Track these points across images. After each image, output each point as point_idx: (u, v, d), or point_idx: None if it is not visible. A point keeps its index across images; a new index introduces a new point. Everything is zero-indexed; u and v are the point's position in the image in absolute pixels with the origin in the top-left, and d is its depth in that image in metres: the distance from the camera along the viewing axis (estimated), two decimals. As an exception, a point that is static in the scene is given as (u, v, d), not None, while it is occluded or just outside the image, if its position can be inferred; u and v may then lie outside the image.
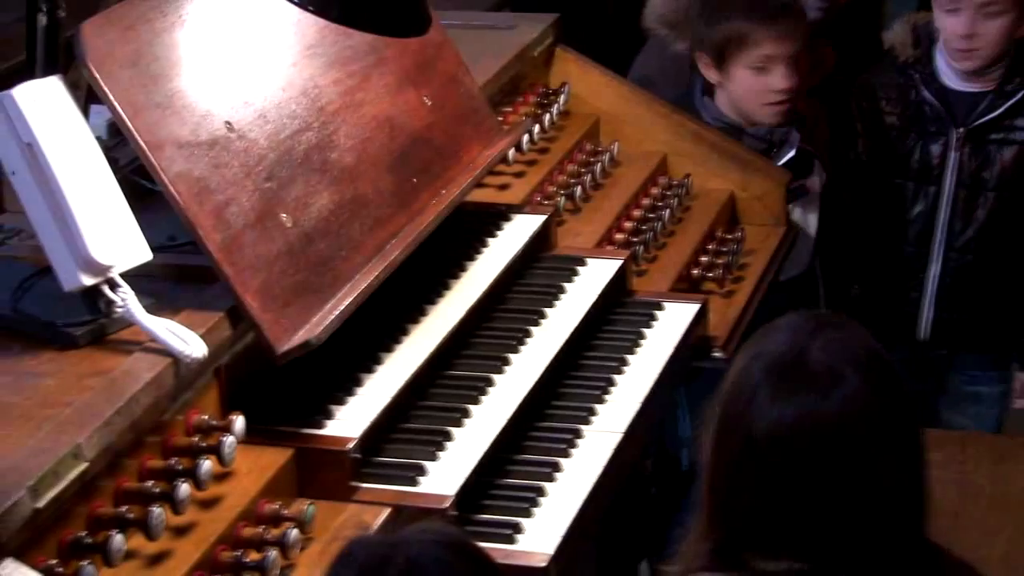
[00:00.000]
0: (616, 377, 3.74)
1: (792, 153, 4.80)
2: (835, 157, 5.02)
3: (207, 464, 2.94)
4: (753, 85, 4.80)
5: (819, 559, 2.49)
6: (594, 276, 4.04)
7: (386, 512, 3.10)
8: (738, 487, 2.54)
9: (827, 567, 2.49)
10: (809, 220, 4.86)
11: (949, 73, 4.83)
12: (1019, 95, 4.75)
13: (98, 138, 3.13)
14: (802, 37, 4.77)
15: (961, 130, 4.81)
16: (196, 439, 3.02)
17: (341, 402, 3.31)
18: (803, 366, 2.51)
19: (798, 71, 4.79)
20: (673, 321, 3.98)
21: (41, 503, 2.60)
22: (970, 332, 5.00)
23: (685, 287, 4.28)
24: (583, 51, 5.06)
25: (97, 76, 3.07)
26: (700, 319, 4.03)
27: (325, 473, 3.17)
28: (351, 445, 3.18)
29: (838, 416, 2.47)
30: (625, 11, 5.53)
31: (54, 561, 2.63)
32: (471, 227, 4.04)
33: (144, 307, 3.05)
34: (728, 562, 2.55)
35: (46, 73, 3.22)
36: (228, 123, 3.31)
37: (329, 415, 3.26)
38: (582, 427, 3.54)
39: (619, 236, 4.33)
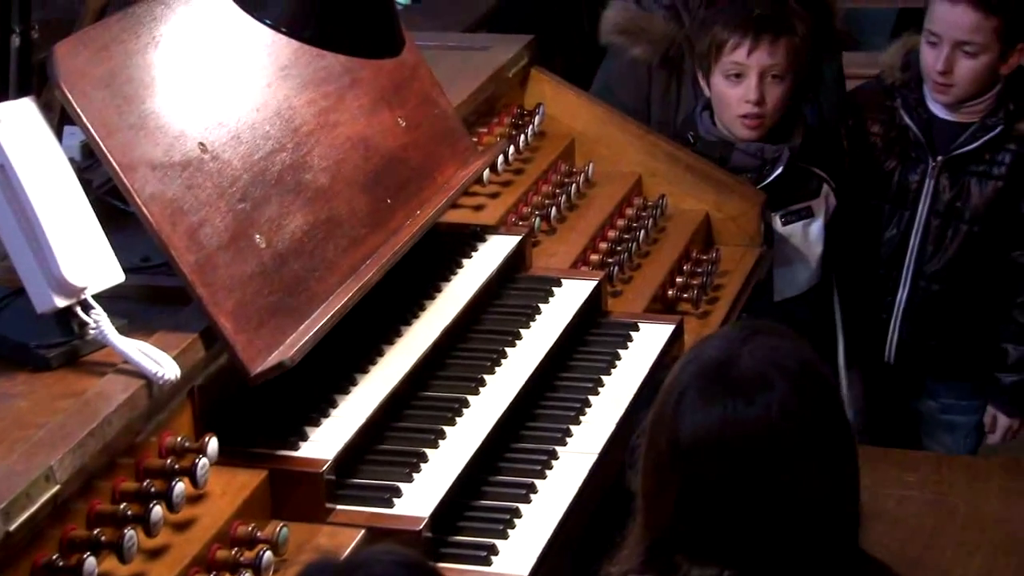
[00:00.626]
0: (592, 398, 3.74)
1: (779, 171, 4.77)
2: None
3: (180, 486, 2.94)
4: (726, 94, 4.80)
5: (746, 565, 2.49)
6: (569, 297, 4.04)
7: (360, 534, 3.10)
8: (665, 490, 2.54)
9: (754, 574, 2.49)
10: (813, 242, 4.83)
11: (935, 100, 4.81)
12: (997, 130, 4.74)
13: (71, 159, 3.13)
14: (787, 55, 4.72)
15: (939, 159, 4.80)
16: (169, 461, 3.01)
17: (316, 423, 3.31)
18: (731, 371, 2.50)
19: (779, 89, 4.76)
20: (648, 342, 3.98)
21: (13, 526, 2.59)
22: (936, 360, 5.00)
23: (660, 308, 4.29)
24: (559, 70, 5.08)
25: (70, 97, 3.07)
26: (675, 340, 4.03)
27: (299, 495, 3.17)
28: (325, 467, 3.17)
29: (762, 422, 2.46)
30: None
31: (26, 584, 2.62)
32: (446, 248, 4.03)
33: (117, 328, 3.04)
34: (659, 564, 2.55)
35: (19, 94, 3.23)
36: (202, 144, 3.30)
37: (303, 436, 3.26)
38: (558, 448, 3.53)
39: (594, 257, 4.33)
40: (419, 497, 3.22)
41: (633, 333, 4.03)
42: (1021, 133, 4.73)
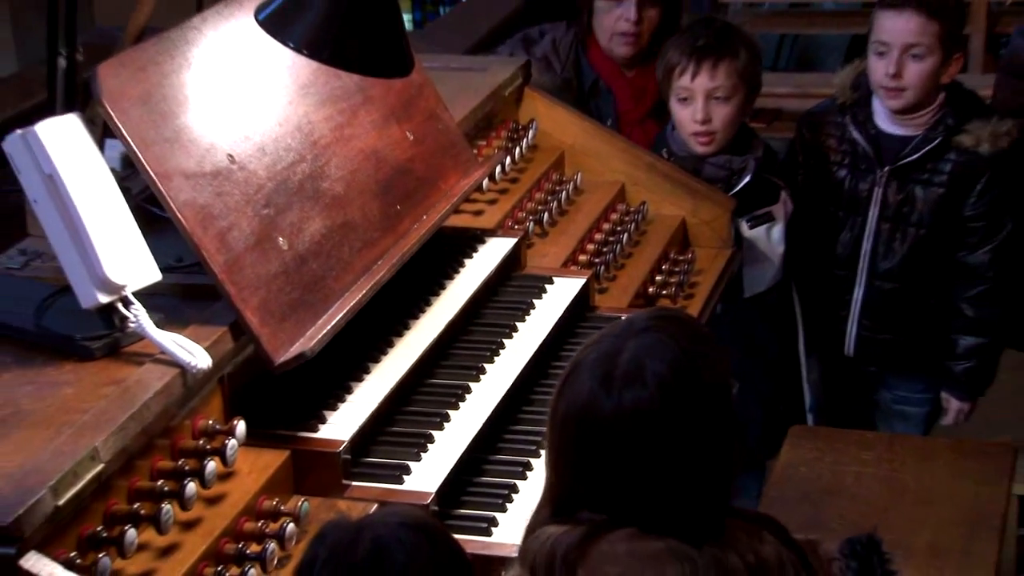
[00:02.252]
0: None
1: (747, 179, 4.78)
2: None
3: (212, 465, 2.94)
4: (679, 115, 4.81)
5: (618, 515, 2.52)
6: (560, 293, 4.04)
7: (374, 507, 3.08)
8: (552, 452, 2.58)
9: (621, 522, 2.53)
10: (775, 243, 4.84)
11: (882, 116, 4.83)
12: (937, 141, 4.74)
13: (112, 170, 3.13)
14: (728, 78, 4.72)
15: (886, 169, 4.80)
16: (202, 442, 3.02)
17: (333, 408, 3.31)
18: (612, 361, 2.52)
19: (726, 108, 4.76)
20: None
21: (61, 501, 2.60)
22: (893, 353, 5.01)
23: (642, 303, 4.28)
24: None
25: (111, 113, 3.07)
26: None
27: (318, 472, 3.17)
28: (342, 447, 3.18)
29: (618, 410, 2.48)
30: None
31: (73, 553, 2.62)
32: (449, 249, 4.04)
33: (154, 322, 3.04)
34: (565, 515, 2.58)
35: (65, 111, 3.23)
36: (230, 155, 3.30)
37: (322, 420, 3.26)
38: (550, 430, 3.53)
39: (582, 257, 4.33)
40: (426, 474, 3.22)
41: (618, 326, 4.02)
42: (959, 144, 4.73)
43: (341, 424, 3.26)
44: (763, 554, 2.59)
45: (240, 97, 3.42)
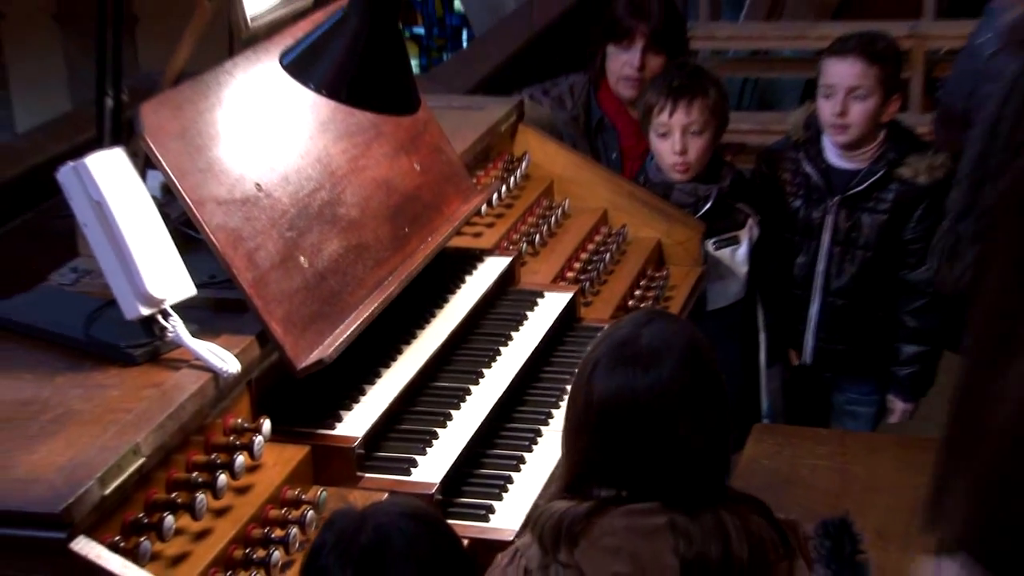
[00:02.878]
0: (568, 387, 3.69)
1: (710, 205, 4.77)
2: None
3: (240, 458, 2.94)
4: (658, 148, 4.81)
5: (636, 488, 2.57)
6: (550, 306, 4.03)
7: (384, 496, 3.07)
8: (581, 437, 2.63)
9: (642, 494, 2.57)
10: (739, 263, 4.83)
11: (832, 152, 4.83)
12: (880, 173, 4.74)
13: (153, 197, 3.12)
14: (701, 114, 4.72)
15: (836, 198, 4.81)
16: (232, 438, 3.01)
17: (348, 408, 3.30)
18: (632, 347, 2.58)
19: (699, 141, 4.75)
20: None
21: (107, 491, 2.60)
22: (845, 361, 5.01)
23: (623, 315, 4.25)
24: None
25: (152, 147, 3.06)
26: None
27: (335, 465, 3.16)
28: (356, 443, 3.17)
29: (654, 387, 2.54)
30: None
31: (117, 538, 2.62)
32: (452, 267, 4.02)
33: (190, 332, 3.03)
34: (576, 490, 2.63)
35: (112, 145, 3.22)
36: (258, 184, 3.29)
37: (339, 419, 3.25)
38: (542, 427, 3.52)
39: (570, 274, 4.32)
40: (431, 467, 3.21)
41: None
42: (900, 176, 4.74)
43: (355, 422, 3.25)
44: (752, 525, 2.60)
45: (266, 132, 3.41)
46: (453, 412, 3.43)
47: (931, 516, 2.59)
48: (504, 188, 4.48)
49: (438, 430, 3.34)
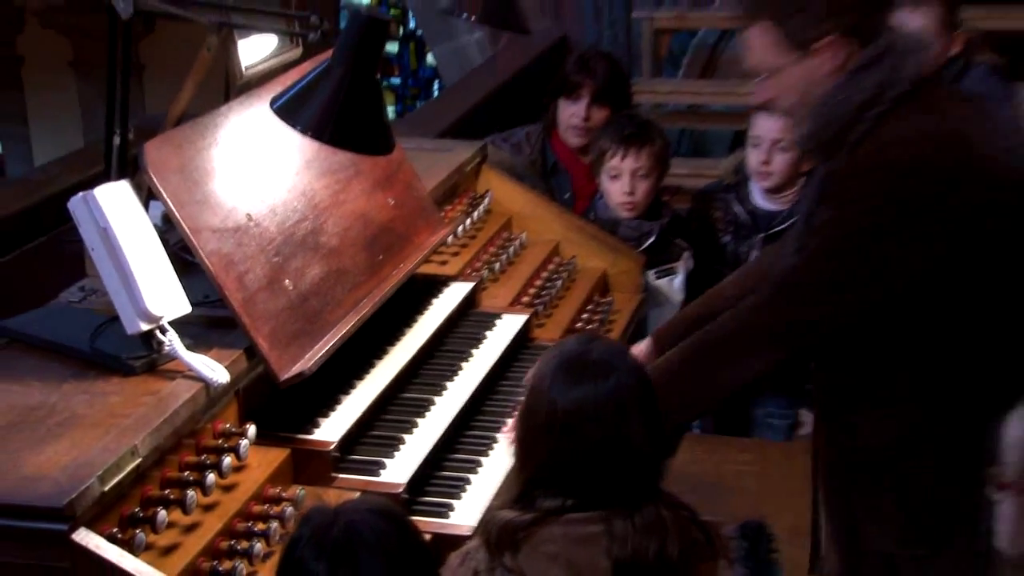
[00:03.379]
0: (521, 399, 3.69)
1: (651, 241, 4.76)
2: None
3: (228, 460, 2.90)
4: (609, 188, 4.80)
5: (582, 496, 2.54)
6: (507, 327, 4.01)
7: (356, 495, 3.04)
8: (539, 445, 2.58)
9: (588, 502, 2.53)
10: (675, 291, 4.82)
11: (758, 194, 4.84)
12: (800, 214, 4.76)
13: (155, 225, 3.09)
14: (648, 160, 4.72)
15: (761, 235, 4.81)
16: (220, 441, 2.98)
17: (325, 415, 3.27)
18: (587, 360, 2.56)
19: (645, 183, 4.75)
20: (562, 360, 3.94)
21: (107, 487, 2.57)
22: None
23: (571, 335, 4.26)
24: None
25: (155, 180, 3.04)
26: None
27: (313, 466, 3.12)
28: (332, 447, 3.14)
29: (613, 394, 2.52)
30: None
31: (115, 530, 2.58)
32: (420, 291, 4.00)
33: (185, 346, 3.00)
34: (525, 498, 2.59)
35: (119, 178, 3.21)
36: (248, 215, 3.26)
37: (317, 425, 3.22)
38: (497, 435, 3.49)
39: (525, 299, 4.30)
40: (398, 469, 3.18)
41: (551, 354, 4.00)
42: None
43: (332, 428, 3.22)
44: (684, 525, 2.59)
45: (257, 169, 3.38)
46: (419, 420, 3.40)
47: None
48: (468, 222, 4.47)
49: (405, 436, 3.31)
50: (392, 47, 14.91)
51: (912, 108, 2.87)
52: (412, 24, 14.49)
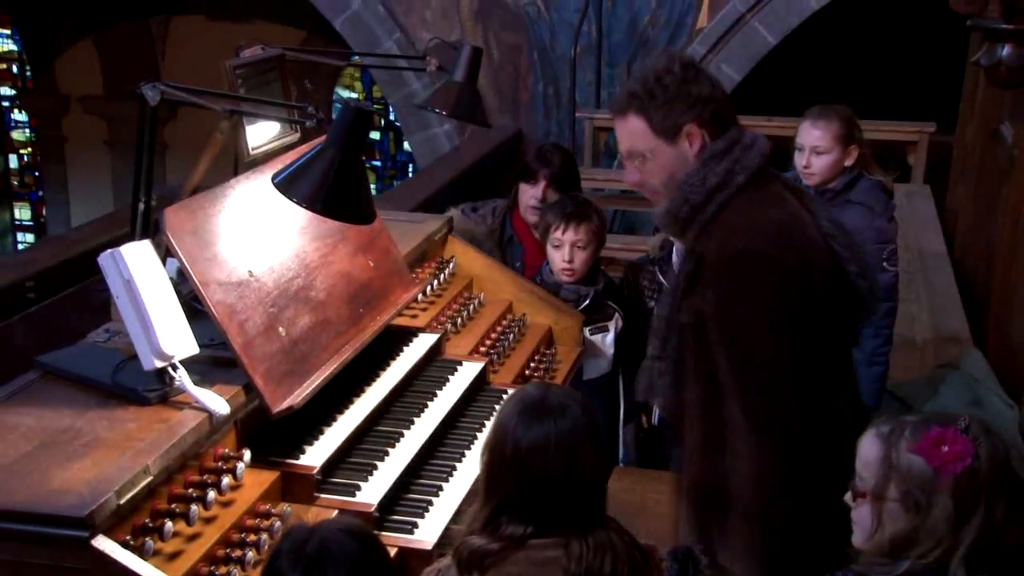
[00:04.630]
0: (478, 434, 3.67)
1: (587, 303, 4.75)
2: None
3: (226, 480, 2.87)
4: (552, 256, 4.77)
5: (541, 523, 2.49)
6: (467, 373, 3.97)
7: (335, 512, 3.02)
8: (504, 478, 2.52)
9: (547, 528, 2.49)
10: (607, 346, 4.81)
11: (679, 266, 4.82)
12: None
13: (171, 278, 3.06)
14: (587, 234, 4.69)
15: None
16: (220, 464, 2.94)
17: (310, 444, 3.22)
18: (546, 403, 2.52)
19: (584, 254, 4.71)
20: (512, 401, 3.92)
21: (122, 501, 2.54)
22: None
23: (521, 381, 4.23)
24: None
25: (172, 241, 3.03)
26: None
27: (298, 487, 3.08)
28: (316, 471, 3.10)
29: (568, 433, 2.48)
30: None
31: (128, 537, 2.55)
32: (393, 340, 3.95)
33: (192, 381, 2.97)
34: (490, 527, 2.53)
35: (142, 237, 3.17)
36: (250, 271, 3.23)
37: (303, 451, 3.17)
38: (457, 464, 3.46)
39: (483, 349, 4.27)
40: (372, 491, 3.14)
41: (504, 396, 3.96)
42: None
43: (315, 455, 3.17)
44: (625, 544, 2.55)
45: (258, 232, 3.36)
46: (390, 449, 3.36)
47: None
48: (435, 282, 4.45)
49: (378, 463, 3.27)
50: (375, 135, 14.94)
51: (750, 195, 2.92)
52: (392, 116, 14.51)
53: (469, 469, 3.43)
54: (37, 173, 15.14)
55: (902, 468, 2.36)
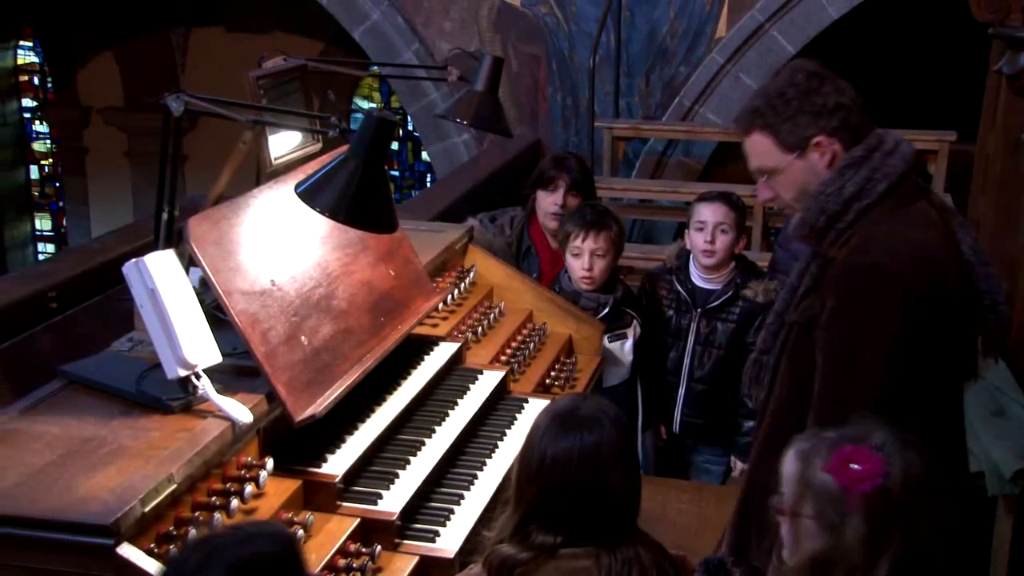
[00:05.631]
0: (499, 443, 3.68)
1: (607, 311, 4.76)
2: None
3: (249, 488, 2.88)
4: (571, 265, 4.79)
5: (572, 533, 2.49)
6: (487, 381, 3.99)
7: (357, 521, 3.03)
8: (531, 487, 2.53)
9: (576, 538, 2.49)
10: (626, 353, 4.81)
11: (696, 275, 4.85)
12: (730, 292, 4.77)
13: (194, 287, 3.08)
14: (606, 242, 4.72)
15: (698, 310, 4.81)
16: (243, 472, 2.95)
17: (332, 452, 3.24)
18: (576, 415, 2.53)
19: (603, 262, 4.74)
20: (534, 410, 3.91)
21: (146, 509, 2.55)
22: (703, 431, 4.98)
23: (542, 390, 4.24)
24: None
25: (195, 250, 3.04)
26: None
27: (321, 496, 3.09)
28: (338, 479, 3.11)
29: (597, 444, 2.48)
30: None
31: (152, 545, 2.56)
32: (415, 349, 3.97)
33: (215, 390, 2.98)
34: (520, 533, 2.53)
35: (165, 247, 3.19)
36: (272, 280, 3.25)
37: (325, 460, 3.19)
38: (478, 472, 3.47)
39: (503, 357, 4.28)
40: (394, 499, 3.15)
41: (524, 405, 3.99)
42: (744, 295, 4.75)
43: (338, 463, 3.19)
44: (658, 559, 2.55)
45: (281, 242, 3.38)
46: (412, 458, 3.37)
47: None
48: (456, 291, 4.46)
49: (400, 471, 3.29)
50: (394, 145, 14.98)
51: (893, 207, 2.81)
52: (410, 126, 14.56)
53: (490, 478, 3.44)
54: (58, 184, 15.22)
55: (816, 486, 2.25)
